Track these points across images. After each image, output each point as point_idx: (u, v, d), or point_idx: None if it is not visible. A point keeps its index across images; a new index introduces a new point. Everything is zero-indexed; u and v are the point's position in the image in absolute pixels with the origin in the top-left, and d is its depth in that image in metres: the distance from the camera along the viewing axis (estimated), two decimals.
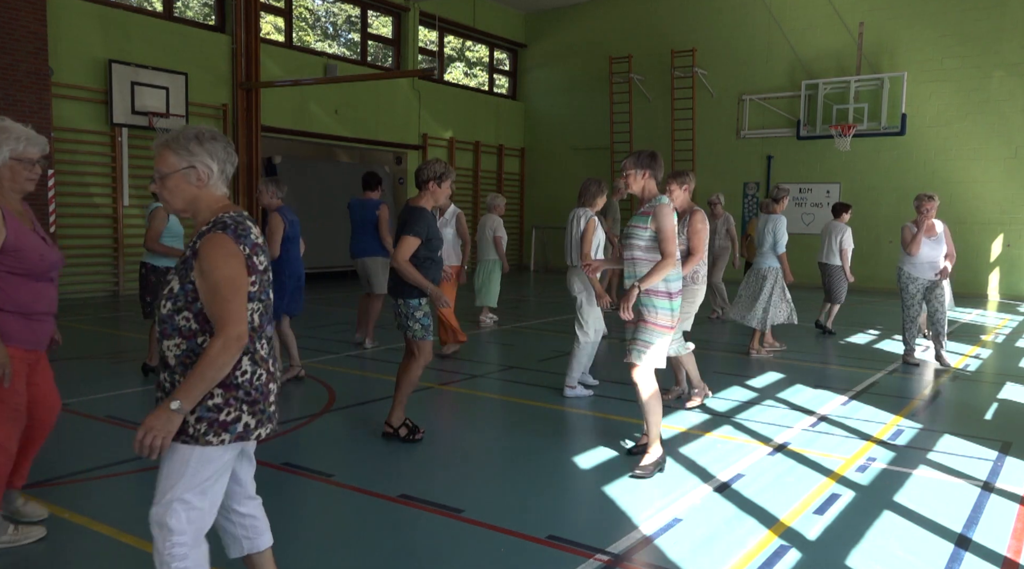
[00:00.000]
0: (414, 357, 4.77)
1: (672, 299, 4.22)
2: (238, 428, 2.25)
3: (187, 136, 2.26)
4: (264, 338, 2.35)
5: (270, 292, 2.38)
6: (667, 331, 4.24)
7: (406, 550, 3.31)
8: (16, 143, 3.07)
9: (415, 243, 4.55)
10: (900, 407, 5.96)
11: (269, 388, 2.34)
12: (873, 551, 3.34)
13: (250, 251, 2.25)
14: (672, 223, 4.17)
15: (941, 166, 15.14)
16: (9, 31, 10.55)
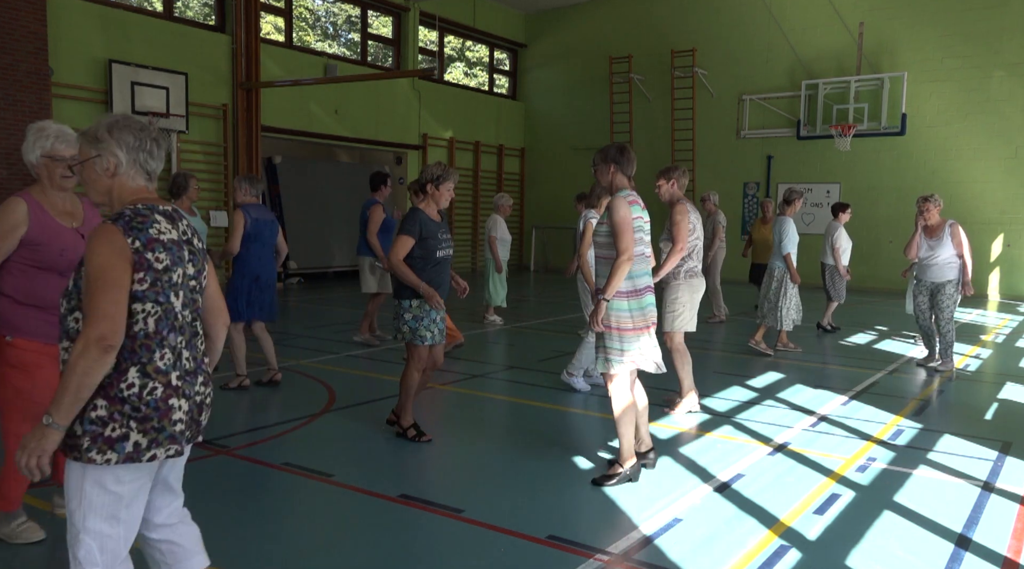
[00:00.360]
0: (407, 360, 4.81)
1: (631, 299, 4.01)
2: (126, 447, 2.03)
3: (100, 125, 2.16)
4: (167, 347, 2.11)
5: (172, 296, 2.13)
6: (633, 333, 4.01)
7: (406, 550, 3.31)
8: (46, 141, 3.12)
9: (407, 242, 4.59)
10: (900, 407, 5.96)
11: (170, 405, 2.09)
12: (873, 551, 3.34)
13: (144, 245, 2.05)
14: (622, 215, 3.92)
15: (941, 166, 15.14)
16: (9, 31, 10.55)
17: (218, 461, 4.42)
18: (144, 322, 2.07)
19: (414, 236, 4.61)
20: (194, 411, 2.20)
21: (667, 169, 5.64)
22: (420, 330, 4.67)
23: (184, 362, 2.17)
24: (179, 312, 2.17)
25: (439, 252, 4.71)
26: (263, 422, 5.25)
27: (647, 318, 4.08)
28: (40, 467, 1.99)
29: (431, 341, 4.72)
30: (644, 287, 4.07)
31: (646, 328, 4.08)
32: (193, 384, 2.20)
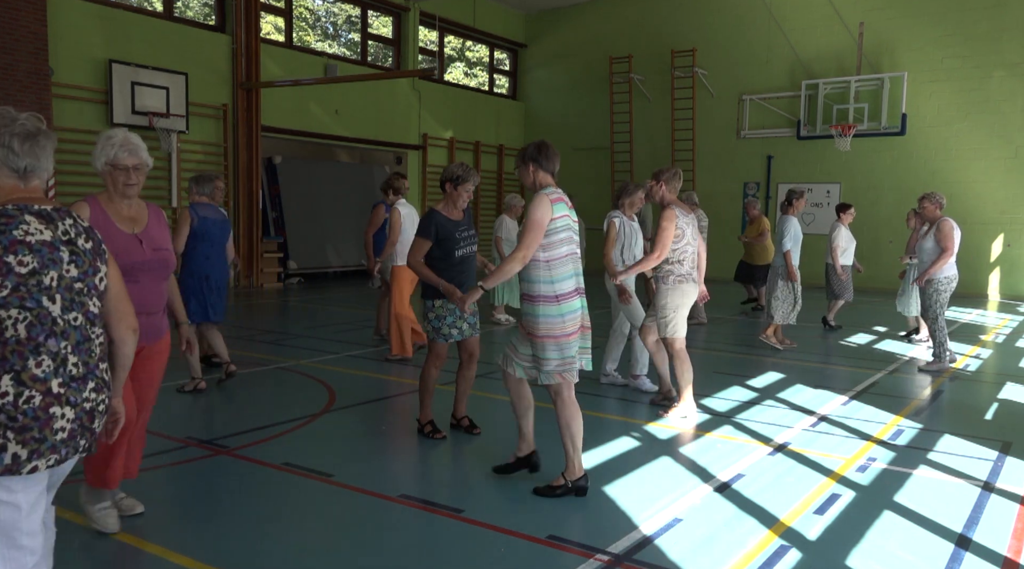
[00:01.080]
0: (427, 357, 4.93)
1: (561, 302, 3.80)
2: (4, 458, 1.94)
3: None
4: (45, 354, 2.00)
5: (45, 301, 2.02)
6: (566, 339, 3.82)
7: (406, 550, 3.31)
8: (112, 150, 3.20)
9: (424, 244, 4.67)
10: (900, 407, 5.96)
11: (50, 413, 2.00)
12: (873, 551, 3.34)
13: (4, 248, 1.95)
14: (537, 215, 3.77)
15: (941, 166, 15.13)
16: (9, 31, 10.55)
17: (218, 461, 4.42)
18: (14, 328, 1.97)
19: (430, 238, 4.67)
20: (83, 418, 2.09)
21: (658, 170, 5.64)
22: (443, 328, 4.77)
23: (70, 368, 2.06)
24: (58, 317, 2.04)
25: (458, 251, 4.74)
26: (263, 422, 5.25)
27: (578, 321, 3.87)
28: None
29: (457, 337, 4.83)
30: (568, 291, 3.83)
31: (576, 333, 3.87)
32: (81, 391, 2.09)
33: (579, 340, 3.92)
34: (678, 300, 5.48)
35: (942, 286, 7.24)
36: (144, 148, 3.30)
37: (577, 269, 3.94)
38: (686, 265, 5.51)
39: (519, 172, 4.12)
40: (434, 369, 4.88)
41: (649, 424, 5.32)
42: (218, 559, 3.16)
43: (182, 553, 3.20)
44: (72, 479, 3.98)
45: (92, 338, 2.16)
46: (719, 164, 17.54)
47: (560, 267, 3.83)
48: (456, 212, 4.80)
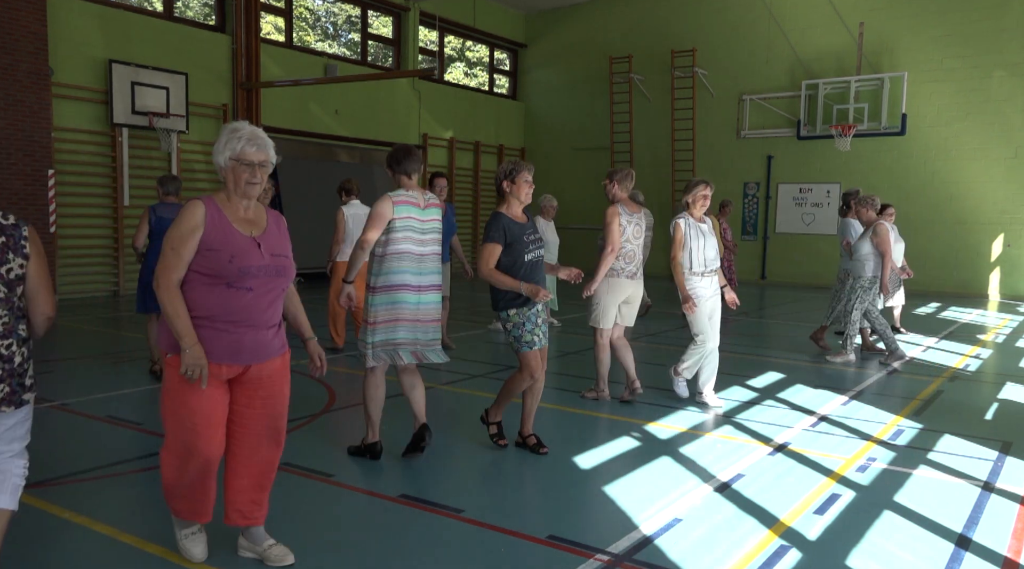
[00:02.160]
0: (519, 368, 4.65)
1: (375, 294, 4.24)
2: None
3: None
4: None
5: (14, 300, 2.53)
6: (383, 325, 4.25)
7: (406, 550, 3.31)
8: (238, 143, 2.91)
9: (495, 249, 4.41)
10: (900, 407, 5.96)
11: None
12: (873, 551, 3.34)
13: None
14: (374, 212, 4.17)
15: (941, 166, 15.14)
16: (9, 31, 10.55)
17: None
18: None
19: (500, 242, 4.40)
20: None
21: (612, 171, 5.80)
22: (524, 336, 4.50)
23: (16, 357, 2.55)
24: None
25: (527, 255, 4.48)
26: None
27: (400, 312, 4.24)
28: None
29: (539, 345, 4.55)
30: (398, 284, 4.21)
31: (395, 322, 4.24)
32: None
33: (402, 330, 4.27)
34: (603, 294, 5.70)
35: (867, 284, 7.54)
36: (272, 145, 3.02)
37: (410, 267, 4.24)
38: (623, 261, 5.69)
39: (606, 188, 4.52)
40: (529, 378, 4.58)
41: (649, 424, 5.33)
42: (218, 559, 3.16)
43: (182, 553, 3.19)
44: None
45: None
46: (719, 164, 17.54)
47: (393, 262, 4.20)
48: (521, 214, 4.55)
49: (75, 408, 5.49)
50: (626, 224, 5.67)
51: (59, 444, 4.67)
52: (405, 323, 4.27)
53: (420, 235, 4.26)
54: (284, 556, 3.13)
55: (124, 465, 4.37)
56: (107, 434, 5.00)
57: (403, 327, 4.27)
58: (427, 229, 4.30)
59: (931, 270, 14.95)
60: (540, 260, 4.61)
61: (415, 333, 4.30)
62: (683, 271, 5.73)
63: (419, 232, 4.25)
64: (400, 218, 4.17)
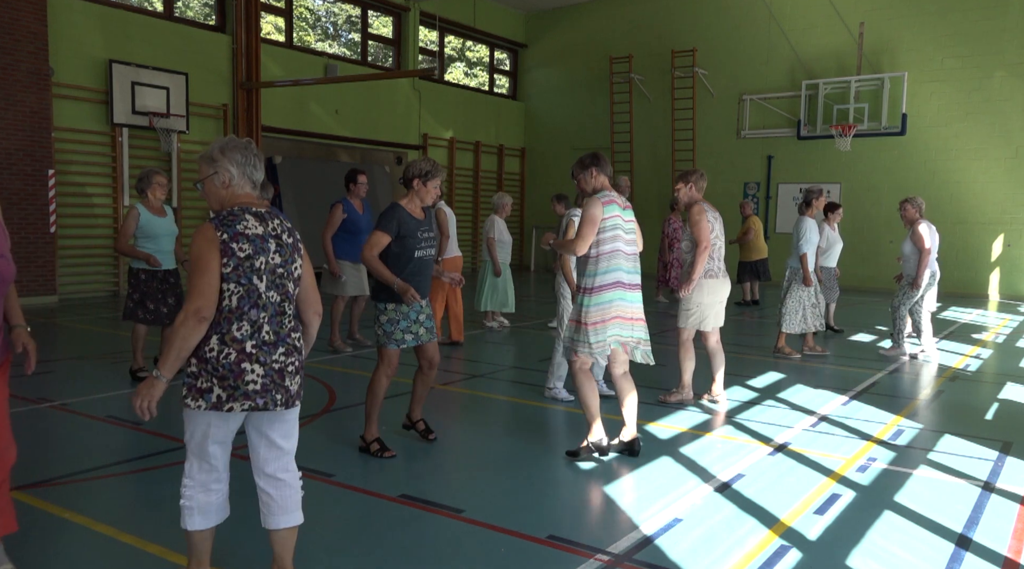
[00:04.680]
0: (377, 365, 4.54)
1: (589, 295, 4.44)
2: (212, 398, 2.54)
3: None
4: (246, 321, 2.56)
5: (255, 279, 2.56)
6: (593, 327, 4.41)
7: (406, 550, 3.30)
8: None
9: (383, 238, 4.33)
10: (900, 407, 5.95)
11: (242, 367, 2.54)
12: (873, 551, 3.34)
13: (231, 237, 2.53)
14: (589, 216, 4.34)
15: (941, 166, 15.13)
16: (9, 31, 10.55)
17: None
18: (229, 299, 2.54)
19: (390, 233, 4.32)
20: (273, 375, 2.61)
21: (685, 173, 5.72)
22: (395, 333, 4.41)
23: (263, 334, 2.60)
24: (263, 292, 2.60)
25: (418, 252, 4.41)
26: None
27: (613, 311, 4.39)
28: (150, 409, 2.51)
29: (412, 342, 4.48)
30: (611, 283, 4.38)
31: (609, 320, 4.39)
32: (271, 353, 2.61)
33: (616, 328, 4.43)
34: (699, 296, 5.76)
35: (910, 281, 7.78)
36: None
37: (623, 265, 4.43)
38: (714, 260, 5.75)
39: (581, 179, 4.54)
40: (384, 378, 4.49)
41: (649, 424, 5.33)
42: (218, 560, 3.16)
43: (182, 553, 3.19)
44: None
45: (286, 313, 2.69)
46: (719, 164, 17.53)
47: (604, 262, 4.39)
48: (419, 210, 4.48)
49: (75, 408, 5.49)
50: (713, 221, 5.68)
51: (59, 444, 4.67)
52: (622, 320, 4.45)
53: (627, 235, 4.46)
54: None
55: (124, 465, 4.37)
56: (107, 434, 5.00)
57: (621, 325, 4.45)
58: (629, 229, 4.50)
59: None
60: (430, 260, 4.52)
61: (634, 331, 4.52)
62: None
63: (626, 232, 4.46)
64: (609, 218, 4.36)
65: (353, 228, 7.64)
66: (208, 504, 2.70)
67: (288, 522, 2.78)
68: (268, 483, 2.75)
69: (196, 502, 2.68)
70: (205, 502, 2.69)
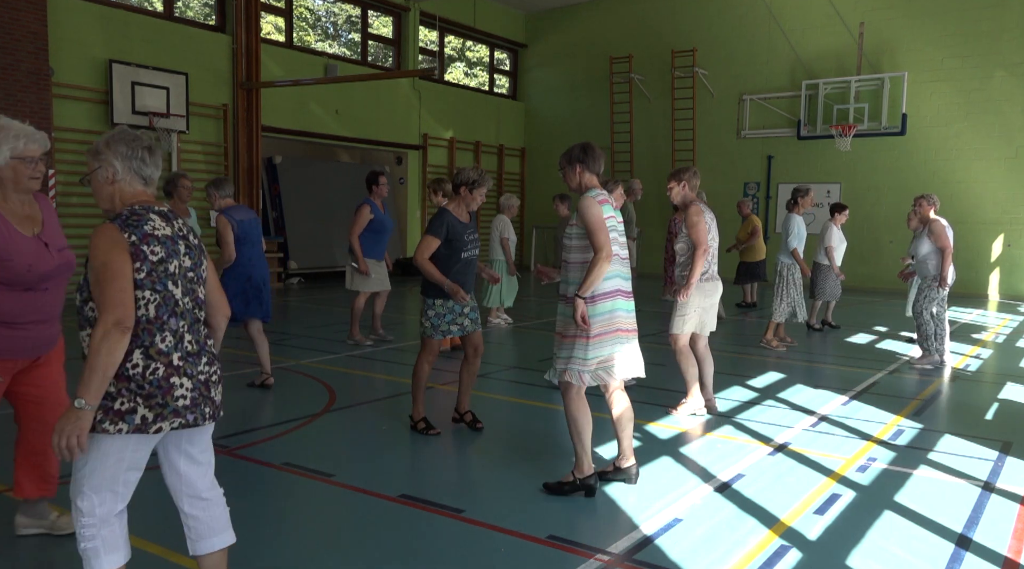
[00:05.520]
0: (420, 353, 4.99)
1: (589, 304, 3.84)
2: (135, 420, 2.29)
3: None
4: (168, 331, 2.35)
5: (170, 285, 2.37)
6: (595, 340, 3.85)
7: (406, 550, 3.31)
8: (16, 141, 2.94)
9: (433, 242, 4.73)
10: (900, 407, 5.95)
11: (171, 383, 2.33)
12: (873, 551, 3.34)
13: (140, 239, 2.31)
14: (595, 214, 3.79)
15: (941, 166, 15.13)
16: (9, 31, 10.55)
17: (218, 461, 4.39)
18: (147, 308, 2.32)
19: (440, 237, 4.73)
20: (201, 388, 2.42)
21: (677, 170, 5.57)
22: (442, 326, 4.84)
23: (186, 344, 2.40)
24: (179, 299, 2.40)
25: (464, 253, 4.83)
26: (263, 422, 5.25)
27: (614, 323, 3.85)
28: (80, 446, 2.21)
29: (458, 332, 4.92)
30: (611, 291, 3.85)
31: (612, 333, 3.85)
32: (196, 364, 2.42)
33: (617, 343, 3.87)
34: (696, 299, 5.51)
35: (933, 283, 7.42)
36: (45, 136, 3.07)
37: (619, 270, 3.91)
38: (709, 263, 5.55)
39: (564, 174, 4.03)
40: (427, 365, 4.96)
41: (650, 424, 5.33)
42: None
43: (182, 553, 3.20)
44: None
45: (199, 320, 2.51)
46: (719, 164, 17.53)
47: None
48: (465, 214, 4.89)
49: None
50: (710, 221, 5.52)
51: None
52: (623, 333, 3.90)
53: (620, 236, 3.94)
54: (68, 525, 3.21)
55: None
56: None
57: (621, 338, 3.90)
58: (620, 230, 3.98)
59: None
60: (474, 260, 4.95)
61: (631, 343, 3.96)
62: None
63: (620, 233, 3.95)
64: (608, 218, 3.83)
65: (378, 227, 8.05)
66: (115, 536, 2.42)
67: (221, 543, 2.58)
68: (195, 506, 2.55)
69: (102, 539, 2.39)
70: (111, 535, 2.41)
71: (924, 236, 7.44)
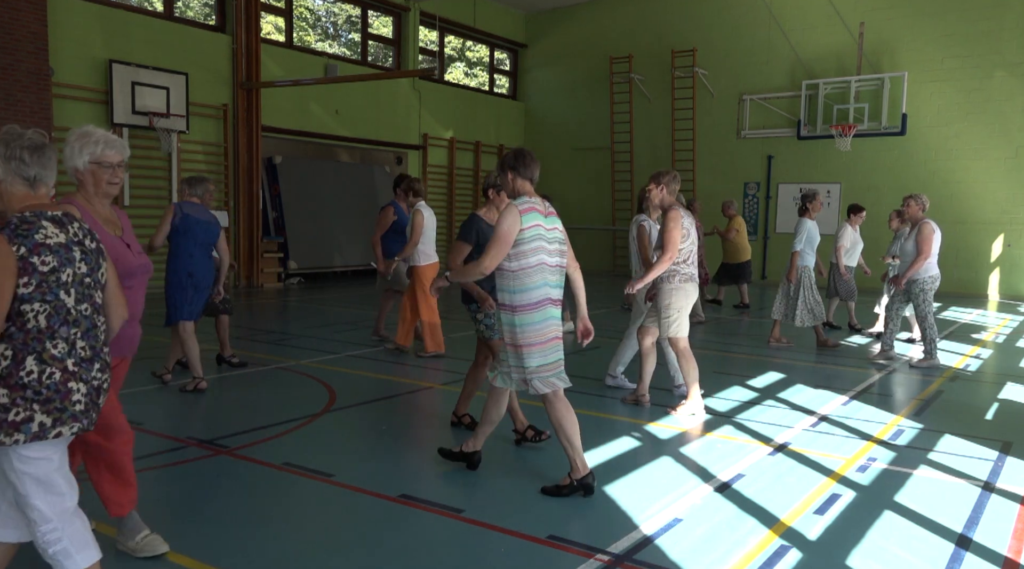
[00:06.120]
0: (484, 356, 4.93)
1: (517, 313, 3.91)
2: (32, 427, 2.28)
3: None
4: (60, 339, 2.35)
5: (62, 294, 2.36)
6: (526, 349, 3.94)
7: (406, 550, 3.31)
8: (95, 146, 3.00)
9: (464, 248, 4.65)
10: (900, 407, 5.96)
11: (68, 387, 2.35)
12: (873, 551, 3.34)
13: (29, 250, 2.28)
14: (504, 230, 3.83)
15: (941, 166, 15.13)
16: (9, 31, 10.55)
17: (218, 461, 4.42)
18: (36, 319, 2.31)
19: (470, 242, 4.65)
20: (92, 394, 2.45)
21: (657, 174, 5.67)
22: (493, 324, 4.77)
23: (79, 351, 2.41)
24: (72, 308, 2.40)
25: None
26: (263, 422, 5.25)
27: (547, 332, 3.93)
28: None
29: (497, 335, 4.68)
30: (540, 300, 3.88)
31: (550, 342, 3.94)
32: (90, 370, 2.44)
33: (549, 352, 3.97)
34: (681, 300, 5.55)
35: (927, 285, 7.47)
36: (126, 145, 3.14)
37: (550, 280, 3.93)
38: (691, 265, 5.61)
39: (502, 181, 4.08)
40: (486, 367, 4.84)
41: (650, 424, 5.33)
42: (218, 559, 3.16)
43: (182, 553, 3.20)
44: None
45: (97, 325, 2.51)
46: (719, 164, 17.53)
47: (534, 276, 3.86)
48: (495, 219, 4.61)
49: None
50: (689, 226, 5.56)
51: None
52: (558, 341, 4.00)
53: (549, 244, 3.93)
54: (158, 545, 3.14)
55: None
56: None
57: (554, 347, 3.98)
58: (551, 239, 3.96)
59: None
60: None
61: (560, 353, 4.04)
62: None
63: (548, 241, 3.93)
64: (529, 228, 3.84)
65: (402, 228, 8.00)
66: (81, 534, 2.42)
67: (97, 555, 2.52)
68: (76, 514, 2.48)
69: (69, 539, 2.39)
70: (76, 533, 2.42)
71: (912, 237, 7.52)
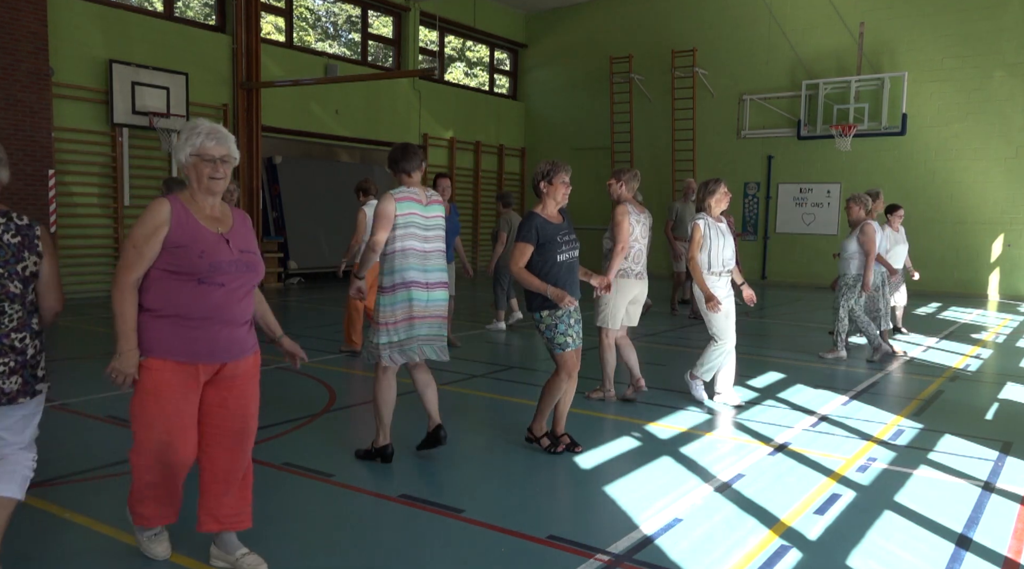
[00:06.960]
0: (556, 370, 4.61)
1: (384, 294, 4.29)
2: None
3: None
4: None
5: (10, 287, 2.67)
6: (390, 327, 4.29)
7: (406, 550, 3.31)
8: (197, 138, 2.88)
9: (526, 249, 4.41)
10: (901, 407, 5.96)
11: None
12: (873, 551, 3.34)
13: None
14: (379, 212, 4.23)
15: (941, 166, 15.14)
16: (9, 31, 10.55)
17: None
18: None
19: (531, 242, 4.40)
20: None
21: (617, 171, 5.87)
22: (557, 338, 4.48)
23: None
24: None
25: (560, 256, 4.45)
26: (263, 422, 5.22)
27: (403, 312, 4.25)
28: None
29: (573, 346, 4.53)
30: (401, 282, 4.24)
31: (405, 321, 4.26)
32: None
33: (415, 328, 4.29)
34: (612, 294, 5.69)
35: (852, 281, 7.71)
36: (233, 139, 3.00)
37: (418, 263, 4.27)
38: (629, 261, 5.79)
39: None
40: (563, 382, 4.56)
41: (649, 424, 5.33)
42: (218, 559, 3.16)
43: (182, 553, 3.20)
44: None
45: (4, 312, 2.73)
46: (719, 164, 17.53)
47: (400, 260, 4.24)
48: (557, 215, 4.55)
49: (75, 408, 5.49)
50: (634, 223, 5.75)
51: (59, 444, 4.67)
52: (416, 320, 4.29)
53: (423, 232, 4.30)
54: (258, 564, 3.06)
55: (124, 465, 4.35)
56: (107, 434, 5.00)
57: (415, 325, 4.30)
58: (431, 225, 4.34)
59: (931, 270, 14.93)
60: (575, 261, 4.59)
61: (425, 329, 4.34)
62: (703, 271, 5.70)
63: (422, 228, 4.30)
64: (403, 215, 4.22)
65: None
66: None
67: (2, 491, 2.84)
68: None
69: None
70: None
71: (854, 236, 7.69)
